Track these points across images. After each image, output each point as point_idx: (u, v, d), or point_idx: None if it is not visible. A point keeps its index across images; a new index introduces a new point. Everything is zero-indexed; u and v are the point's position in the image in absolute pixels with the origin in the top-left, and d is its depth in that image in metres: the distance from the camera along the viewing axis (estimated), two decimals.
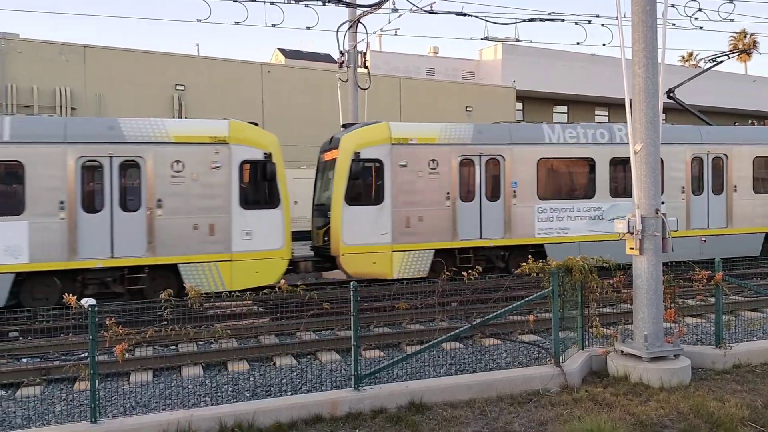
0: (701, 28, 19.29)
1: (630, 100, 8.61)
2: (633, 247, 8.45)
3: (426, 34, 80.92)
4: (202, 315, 10.40)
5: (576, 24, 18.28)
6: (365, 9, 17.83)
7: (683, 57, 53.79)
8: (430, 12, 16.66)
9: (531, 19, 17.45)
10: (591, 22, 18.26)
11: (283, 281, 7.80)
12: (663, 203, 17.03)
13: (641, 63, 8.47)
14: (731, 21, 18.20)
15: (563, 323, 8.74)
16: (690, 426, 6.87)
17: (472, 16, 16.83)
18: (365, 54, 18.96)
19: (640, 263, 8.49)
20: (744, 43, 59.29)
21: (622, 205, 16.30)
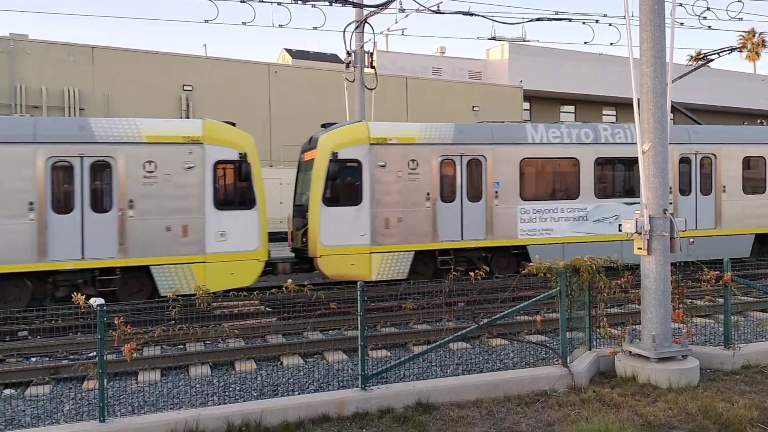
0: (710, 27, 19.25)
1: (638, 99, 8.58)
2: (641, 248, 8.42)
3: (433, 34, 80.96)
4: (209, 314, 10.46)
5: (583, 23, 18.25)
6: (372, 9, 17.84)
7: (691, 56, 53.50)
8: (436, 12, 16.64)
9: (538, 19, 17.41)
10: (599, 21, 18.22)
11: (290, 281, 7.82)
12: None
13: (649, 62, 8.44)
14: (740, 20, 18.12)
15: (571, 323, 8.71)
16: (698, 427, 6.84)
17: (479, 15, 16.78)
18: (372, 54, 18.97)
19: (648, 263, 8.46)
20: (752, 42, 59.04)
21: (607, 206, 16.15)
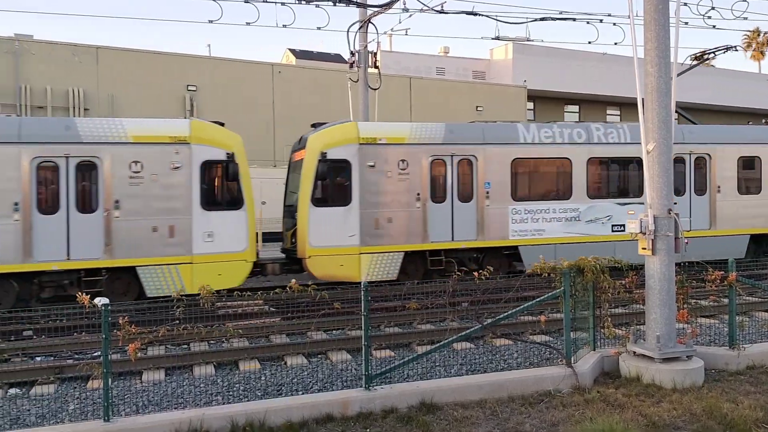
0: (714, 26, 19.27)
1: (642, 99, 8.57)
2: (645, 248, 8.41)
3: (436, 33, 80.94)
4: (213, 314, 10.47)
5: (587, 23, 18.23)
6: (376, 9, 17.84)
7: (695, 55, 53.40)
8: (440, 12, 16.63)
9: (542, 19, 17.40)
10: (603, 21, 18.21)
11: (294, 281, 7.83)
12: (642, 204, 16.71)
13: (654, 62, 8.42)
14: (745, 19, 18.10)
15: (575, 324, 8.71)
16: (703, 427, 6.83)
17: (483, 15, 16.77)
18: (376, 54, 18.97)
19: (652, 263, 8.45)
20: (757, 42, 58.94)
21: (599, 206, 16.01)
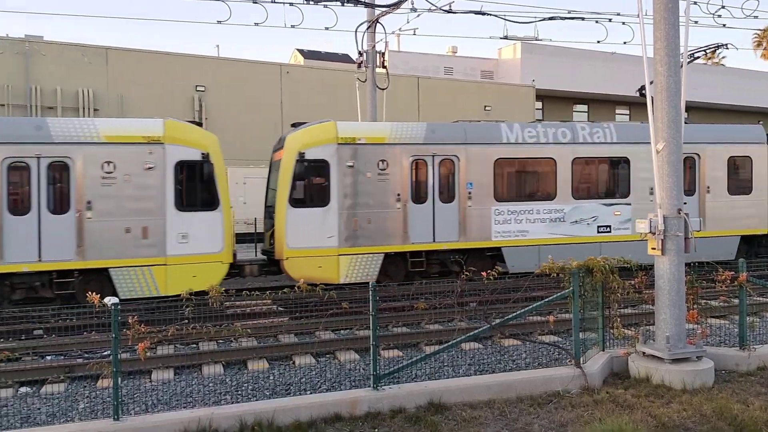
0: (724, 25, 19.09)
1: (651, 98, 8.53)
2: (655, 248, 8.36)
3: (444, 33, 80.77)
4: (222, 314, 10.51)
5: (596, 22, 18.14)
6: (384, 9, 17.84)
7: (705, 54, 53.05)
8: (448, 11, 16.61)
9: (551, 18, 17.34)
10: (612, 20, 18.12)
11: (302, 281, 7.83)
12: (629, 205, 16.60)
13: (663, 61, 8.39)
14: (755, 18, 17.94)
15: (584, 324, 8.68)
16: (713, 429, 6.78)
17: (491, 15, 16.74)
18: (384, 54, 18.97)
19: (662, 264, 8.40)
20: None
21: (585, 207, 15.85)
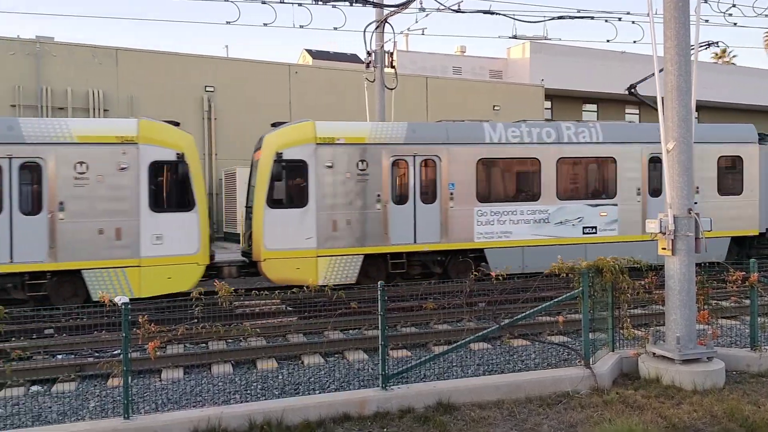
0: (735, 24, 18.91)
1: (662, 98, 8.49)
2: (665, 248, 8.32)
3: (453, 33, 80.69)
4: (231, 313, 10.54)
5: (606, 21, 18.05)
6: (392, 9, 17.84)
7: (716, 54, 52.62)
8: (457, 11, 16.58)
9: (560, 17, 17.28)
10: (621, 19, 18.02)
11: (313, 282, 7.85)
12: (615, 206, 16.44)
13: (673, 60, 8.34)
14: (767, 17, 17.77)
15: (593, 324, 8.64)
16: (724, 430, 6.74)
17: (500, 14, 16.67)
18: (392, 54, 18.96)
19: (672, 264, 8.36)
20: None
21: (569, 208, 15.63)
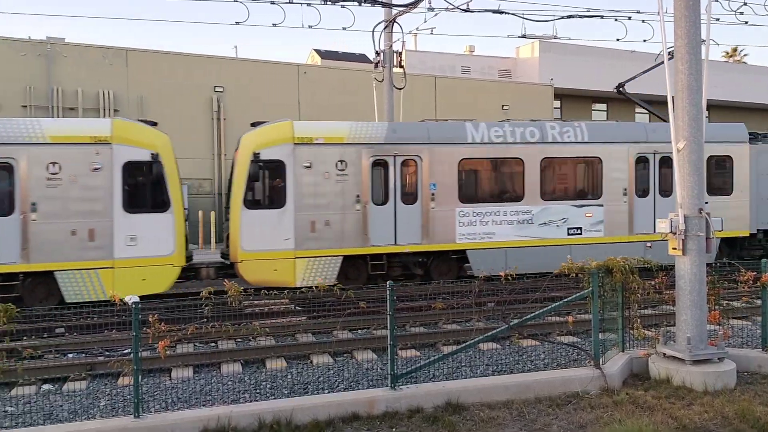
0: (746, 22, 18.74)
1: (672, 97, 8.45)
2: (676, 248, 8.28)
3: (462, 32, 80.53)
4: (241, 313, 10.57)
5: (616, 20, 17.94)
6: (401, 9, 17.83)
7: (727, 53, 52.26)
8: (466, 10, 16.53)
9: (569, 16, 17.19)
10: (631, 18, 17.91)
11: (320, 281, 7.87)
12: (601, 206, 16.30)
13: (684, 59, 8.30)
14: None
15: (603, 324, 8.61)
16: (735, 431, 6.70)
17: (509, 13, 16.60)
18: (401, 53, 18.95)
19: (682, 264, 8.32)
20: None
21: (554, 209, 15.40)
